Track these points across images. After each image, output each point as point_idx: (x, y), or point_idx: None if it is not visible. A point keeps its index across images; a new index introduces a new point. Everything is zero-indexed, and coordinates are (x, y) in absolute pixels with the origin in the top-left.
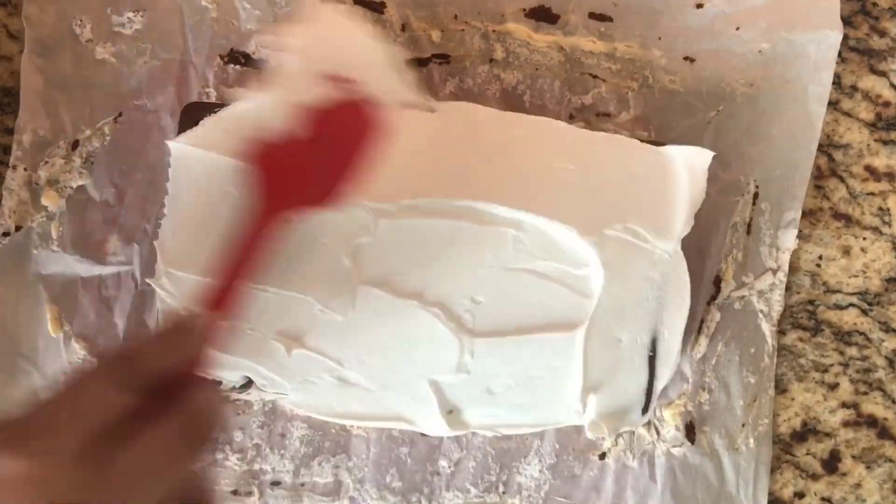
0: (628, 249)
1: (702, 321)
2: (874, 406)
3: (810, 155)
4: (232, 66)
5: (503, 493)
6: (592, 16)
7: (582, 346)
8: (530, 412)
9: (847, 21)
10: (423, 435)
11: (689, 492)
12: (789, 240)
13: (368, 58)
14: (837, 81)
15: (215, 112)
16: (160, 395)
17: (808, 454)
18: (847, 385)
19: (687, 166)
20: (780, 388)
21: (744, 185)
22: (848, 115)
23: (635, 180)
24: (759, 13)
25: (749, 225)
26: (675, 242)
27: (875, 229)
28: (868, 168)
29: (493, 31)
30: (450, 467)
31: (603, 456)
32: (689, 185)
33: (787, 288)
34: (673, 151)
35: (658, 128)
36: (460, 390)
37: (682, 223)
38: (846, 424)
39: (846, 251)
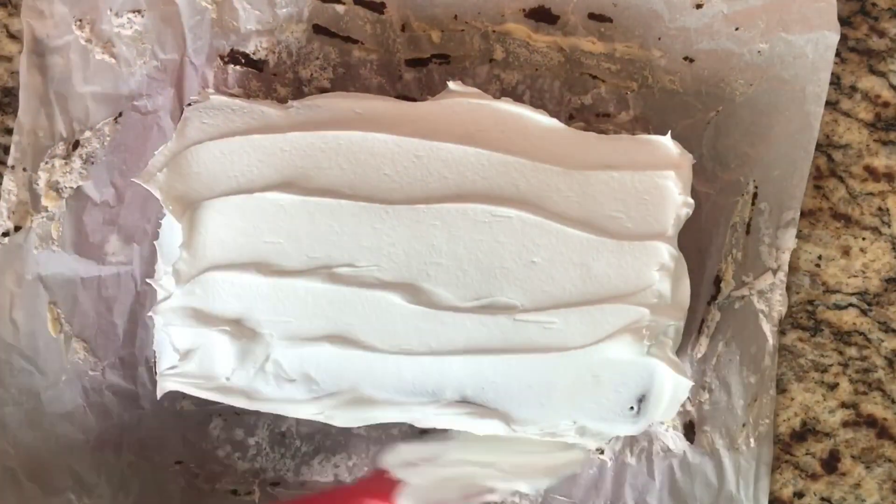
0: None
1: (702, 321)
2: (874, 406)
3: (808, 155)
4: (232, 66)
5: None
6: (592, 16)
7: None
8: None
9: (846, 21)
10: (422, 433)
11: (688, 490)
12: (789, 240)
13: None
14: (837, 82)
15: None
16: None
17: (807, 454)
18: (846, 385)
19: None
20: (780, 388)
21: (743, 186)
22: (847, 115)
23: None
24: (758, 13)
25: (748, 225)
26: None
27: (874, 229)
28: (867, 168)
29: (493, 31)
30: None
31: (601, 453)
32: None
33: (787, 288)
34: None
35: (658, 128)
36: None
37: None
38: (846, 424)
39: (846, 251)
